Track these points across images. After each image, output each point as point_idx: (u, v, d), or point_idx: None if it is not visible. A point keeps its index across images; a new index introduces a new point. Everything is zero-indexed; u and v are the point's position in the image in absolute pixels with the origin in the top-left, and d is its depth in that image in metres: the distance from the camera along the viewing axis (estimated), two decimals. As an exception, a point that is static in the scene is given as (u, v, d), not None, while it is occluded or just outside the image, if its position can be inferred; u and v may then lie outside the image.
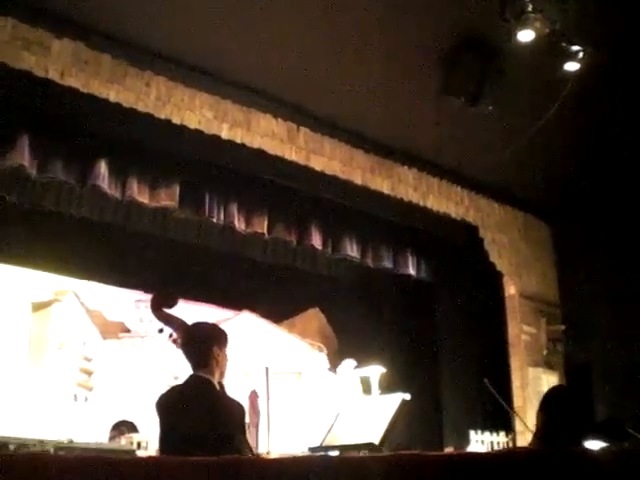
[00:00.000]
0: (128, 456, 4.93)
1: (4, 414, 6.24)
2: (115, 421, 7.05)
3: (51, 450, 4.59)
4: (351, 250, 7.69)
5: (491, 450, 7.22)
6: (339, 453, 3.91)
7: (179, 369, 5.34)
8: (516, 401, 8.13)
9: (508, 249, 8.51)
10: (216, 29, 5.73)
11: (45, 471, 2.43)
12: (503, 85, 6.30)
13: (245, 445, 3.34)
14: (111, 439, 6.77)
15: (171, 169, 6.41)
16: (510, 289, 8.51)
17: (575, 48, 5.88)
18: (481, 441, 7.71)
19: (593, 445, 3.52)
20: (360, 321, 8.66)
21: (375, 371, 7.56)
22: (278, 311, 8.68)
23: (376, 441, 3.84)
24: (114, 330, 7.81)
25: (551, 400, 3.48)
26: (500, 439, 7.84)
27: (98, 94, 5.59)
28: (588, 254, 8.47)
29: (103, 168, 5.98)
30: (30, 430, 5.92)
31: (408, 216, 7.76)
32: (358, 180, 7.18)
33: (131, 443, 6.24)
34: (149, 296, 4.32)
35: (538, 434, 3.43)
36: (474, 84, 6.28)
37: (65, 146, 5.84)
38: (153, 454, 4.88)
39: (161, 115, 5.94)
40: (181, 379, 3.64)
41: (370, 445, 3.82)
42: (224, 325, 4.48)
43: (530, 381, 8.22)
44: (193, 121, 6.10)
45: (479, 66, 6.22)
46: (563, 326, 8.71)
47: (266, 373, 4.77)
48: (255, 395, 7.28)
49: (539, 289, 8.77)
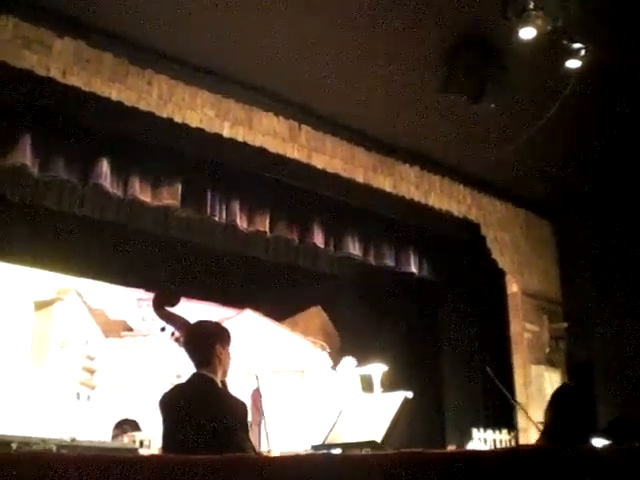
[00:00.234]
0: (131, 454, 4.94)
1: (7, 413, 6.25)
2: (118, 419, 7.04)
3: (54, 448, 4.59)
4: (353, 248, 7.70)
5: (494, 448, 7.23)
6: (342, 451, 3.92)
7: (182, 367, 5.34)
8: (519, 398, 8.12)
9: (510, 247, 8.51)
10: (217, 28, 5.72)
11: (48, 470, 2.43)
12: (505, 83, 6.29)
13: (248, 443, 3.34)
14: (114, 437, 6.76)
15: (173, 168, 6.42)
16: (512, 287, 8.51)
17: (577, 46, 5.87)
18: (483, 439, 7.71)
19: (599, 444, 3.53)
20: (362, 319, 8.65)
21: (377, 369, 7.56)
22: (280, 309, 8.68)
23: (378, 439, 3.84)
24: (116, 329, 7.81)
25: (560, 398, 3.47)
26: (503, 437, 7.84)
27: (100, 93, 5.59)
28: (590, 252, 8.47)
29: (105, 167, 5.99)
30: (33, 429, 5.93)
31: (410, 214, 7.76)
32: (360, 178, 7.18)
33: (134, 441, 6.24)
34: (151, 295, 4.33)
35: (546, 431, 3.42)
36: (476, 82, 6.27)
37: (67, 145, 5.85)
38: (156, 452, 4.89)
39: (163, 114, 5.94)
40: (184, 378, 3.64)
41: (372, 443, 3.83)
42: (226, 323, 4.48)
43: (533, 379, 8.22)
44: (195, 120, 6.10)
45: (481, 64, 6.21)
46: (565, 324, 8.71)
47: (256, 378, 4.78)
48: (258, 393, 7.28)
49: (541, 287, 8.76)
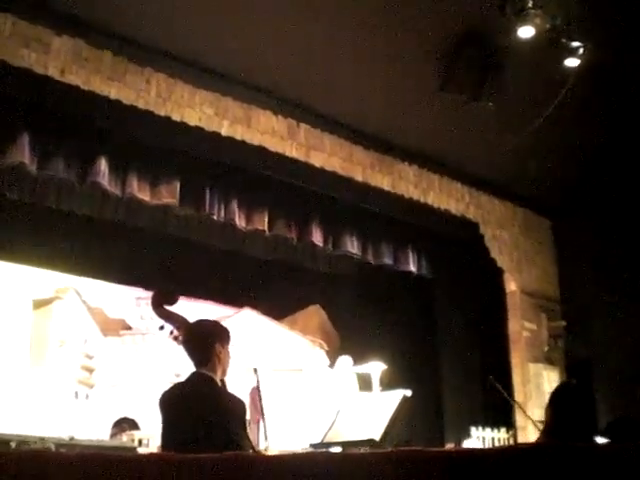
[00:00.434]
0: (129, 453, 4.94)
1: (5, 412, 6.24)
2: (116, 418, 7.04)
3: (52, 447, 4.59)
4: (352, 247, 7.70)
5: (492, 446, 7.24)
6: (340, 449, 3.92)
7: (180, 366, 5.33)
8: (517, 397, 8.13)
9: (509, 245, 8.51)
10: (216, 26, 5.72)
11: (46, 468, 2.43)
12: (503, 81, 6.29)
13: (246, 442, 3.34)
14: (112, 436, 6.76)
15: (171, 166, 6.41)
16: (511, 285, 8.51)
17: (575, 44, 5.88)
18: (482, 437, 7.72)
19: (601, 442, 3.52)
20: (361, 318, 8.65)
21: (376, 368, 7.55)
22: (279, 308, 8.67)
23: (377, 437, 3.84)
24: (115, 327, 7.80)
25: (562, 396, 3.46)
26: (501, 435, 7.85)
27: (98, 91, 5.59)
28: (589, 250, 8.47)
29: (103, 165, 5.98)
30: (31, 427, 5.92)
31: (408, 213, 7.76)
32: (359, 177, 7.18)
33: (132, 440, 6.24)
34: (150, 293, 4.32)
35: (547, 430, 3.41)
36: (474, 81, 6.28)
37: (65, 143, 5.84)
38: (154, 451, 4.89)
39: (161, 112, 5.93)
40: (182, 376, 3.64)
41: (371, 441, 3.83)
42: (225, 322, 4.47)
43: (531, 377, 8.23)
44: (193, 118, 6.10)
45: (480, 62, 6.22)
46: (564, 322, 8.71)
47: (255, 373, 4.78)
48: (256, 392, 7.28)
49: (540, 285, 8.77)
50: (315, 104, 6.79)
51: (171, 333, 3.79)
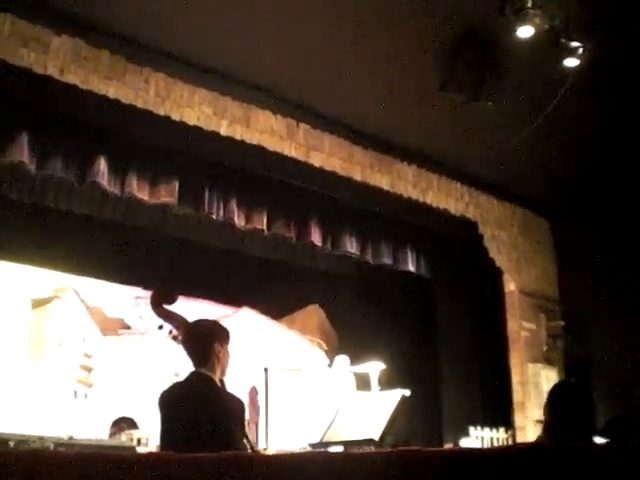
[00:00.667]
0: (128, 453, 4.94)
1: (4, 411, 6.24)
2: (115, 418, 7.04)
3: (51, 446, 4.60)
4: (351, 246, 7.70)
5: (491, 446, 7.24)
6: (339, 449, 3.92)
7: (179, 366, 5.34)
8: (516, 397, 8.14)
9: (508, 245, 8.52)
10: (215, 25, 5.72)
11: (45, 468, 2.43)
12: (503, 81, 6.30)
13: (245, 441, 3.35)
14: (111, 436, 6.77)
15: (170, 165, 6.41)
16: (510, 285, 8.52)
17: (575, 44, 5.88)
18: (481, 437, 7.73)
19: (598, 442, 3.51)
20: (360, 317, 8.65)
21: (375, 367, 7.56)
22: (278, 307, 8.67)
23: (376, 437, 3.85)
24: (114, 327, 7.80)
25: (559, 394, 3.45)
26: (500, 435, 7.85)
27: (97, 90, 5.58)
28: (587, 250, 8.48)
29: (102, 165, 5.98)
30: (30, 427, 5.92)
31: (408, 212, 7.77)
32: (358, 176, 7.18)
33: (131, 440, 6.24)
34: (149, 293, 4.32)
35: (547, 428, 3.40)
36: (473, 81, 6.28)
37: (64, 143, 5.84)
38: (153, 451, 4.89)
39: (160, 111, 5.93)
40: (181, 376, 3.64)
41: (370, 441, 3.84)
42: (224, 322, 4.47)
43: (530, 377, 8.23)
44: (192, 117, 6.09)
45: (479, 62, 6.22)
46: (563, 322, 8.72)
47: (265, 373, 4.77)
48: (255, 391, 7.29)
49: (539, 285, 8.78)
50: (314, 104, 6.79)
51: (170, 332, 3.79)
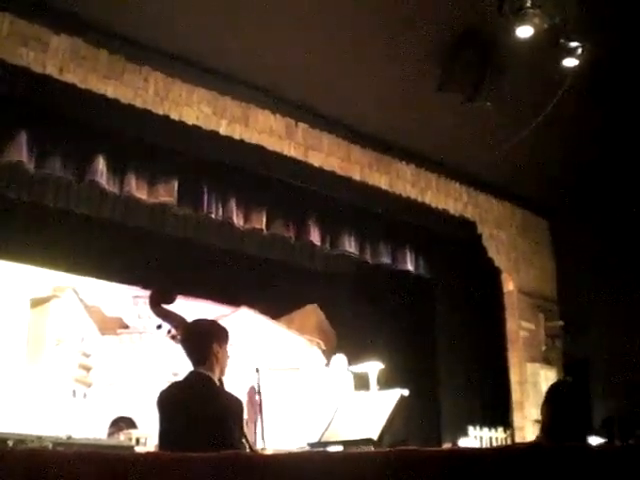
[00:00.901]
0: (127, 452, 4.94)
1: (3, 410, 6.24)
2: (114, 417, 7.05)
3: (50, 446, 4.60)
4: (349, 246, 7.70)
5: (490, 446, 7.24)
6: (338, 449, 3.92)
7: (178, 365, 5.34)
8: (514, 396, 8.15)
9: (506, 245, 8.52)
10: (214, 25, 5.72)
11: (44, 467, 2.42)
12: (502, 81, 6.30)
13: (243, 441, 3.34)
14: (110, 435, 6.77)
15: (169, 165, 6.41)
16: (508, 285, 8.52)
17: (574, 44, 5.87)
18: (479, 437, 7.73)
19: (594, 441, 3.52)
20: (358, 317, 8.66)
21: (373, 367, 7.56)
22: (276, 307, 8.68)
23: (374, 437, 3.84)
24: (112, 326, 7.81)
25: (558, 394, 3.45)
26: (498, 435, 7.86)
27: (96, 90, 5.58)
28: (586, 250, 8.48)
29: (101, 164, 5.98)
30: (29, 426, 5.92)
31: (406, 212, 7.77)
32: (356, 176, 7.18)
33: (130, 439, 6.25)
34: (147, 292, 4.32)
35: (545, 428, 3.40)
36: (472, 80, 6.28)
37: (63, 142, 5.84)
38: (152, 450, 4.89)
39: (159, 111, 5.93)
40: (180, 375, 3.64)
41: (368, 441, 3.83)
42: (222, 321, 4.47)
43: (528, 377, 8.24)
44: (191, 117, 6.09)
45: (478, 62, 6.22)
46: (561, 322, 8.72)
47: (257, 373, 4.77)
48: (254, 391, 7.27)
49: (537, 285, 8.78)
50: (313, 104, 6.79)
51: (169, 332, 3.78)
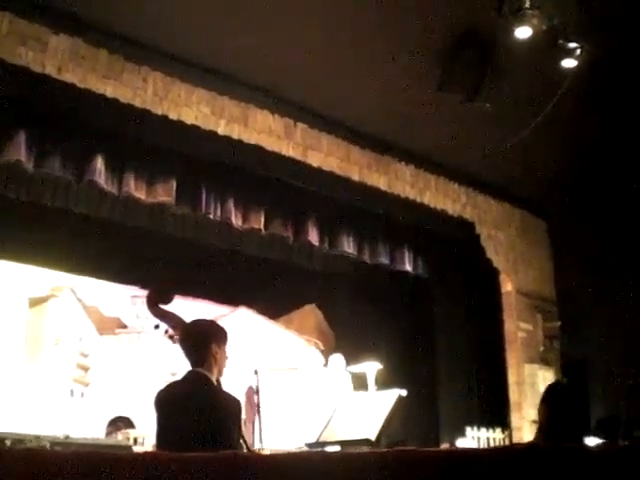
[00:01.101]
0: (125, 452, 4.94)
1: (1, 410, 6.24)
2: (112, 417, 7.05)
3: (47, 446, 4.59)
4: (348, 246, 7.70)
5: (487, 446, 7.25)
6: (336, 449, 3.92)
7: (176, 365, 5.34)
8: (512, 397, 8.15)
9: (505, 246, 8.52)
10: (213, 25, 5.72)
11: (42, 467, 2.42)
12: (501, 82, 6.30)
13: (241, 441, 3.34)
14: (108, 435, 6.77)
15: (168, 165, 6.41)
16: (507, 286, 8.52)
17: (573, 45, 5.87)
18: (477, 437, 7.73)
19: (591, 442, 3.52)
20: (357, 317, 8.66)
21: (372, 367, 7.57)
22: (275, 307, 8.68)
23: (372, 437, 3.84)
24: (110, 326, 7.82)
25: (555, 394, 3.45)
26: (496, 435, 7.86)
27: (95, 89, 5.58)
28: (584, 251, 8.49)
29: (100, 164, 5.97)
30: (27, 426, 5.92)
31: (405, 212, 7.77)
32: (355, 176, 7.18)
33: (127, 439, 6.24)
34: (145, 292, 4.32)
35: (542, 428, 3.40)
36: (472, 80, 6.28)
37: (62, 141, 5.83)
38: (150, 450, 4.89)
39: (158, 111, 5.93)
40: (178, 375, 3.64)
41: (366, 441, 3.83)
42: (220, 321, 4.48)
43: (526, 377, 8.24)
44: (190, 117, 6.09)
45: (477, 63, 6.22)
46: (559, 323, 8.73)
47: (256, 375, 4.77)
48: (252, 391, 7.27)
49: (535, 286, 8.78)
50: (312, 104, 6.79)
51: (166, 332, 3.78)
